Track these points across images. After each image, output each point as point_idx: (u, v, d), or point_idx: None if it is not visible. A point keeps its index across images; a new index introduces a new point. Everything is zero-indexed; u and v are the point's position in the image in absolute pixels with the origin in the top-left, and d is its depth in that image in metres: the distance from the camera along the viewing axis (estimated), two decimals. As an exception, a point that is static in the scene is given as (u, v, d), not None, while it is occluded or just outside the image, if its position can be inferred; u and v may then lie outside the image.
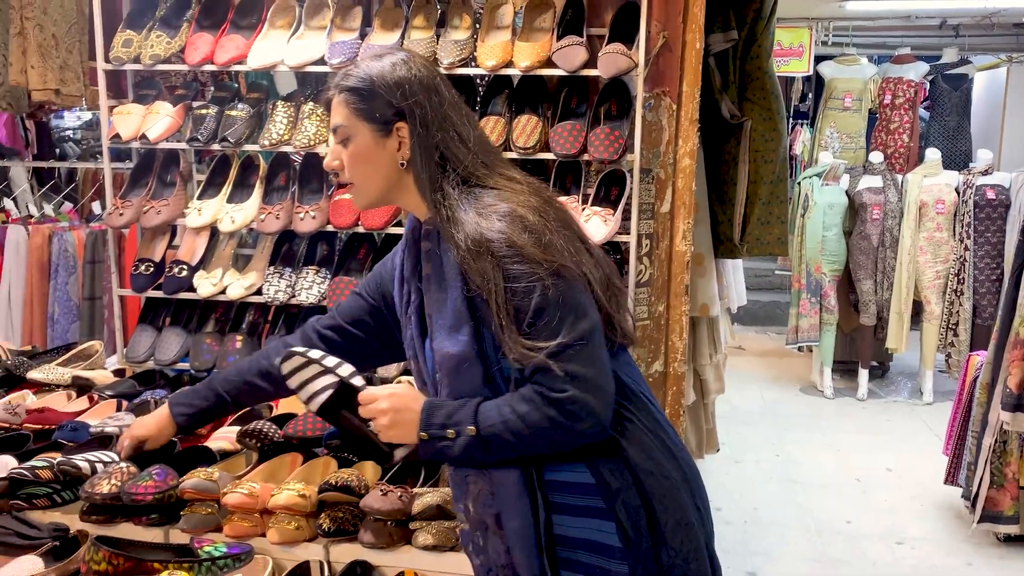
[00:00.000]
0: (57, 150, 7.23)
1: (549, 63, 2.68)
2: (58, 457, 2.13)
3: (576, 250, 1.46)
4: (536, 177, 1.58)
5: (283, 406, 2.61)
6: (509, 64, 2.69)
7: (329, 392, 1.56)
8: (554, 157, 2.70)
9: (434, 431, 1.46)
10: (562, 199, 2.72)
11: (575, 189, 2.82)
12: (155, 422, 2.02)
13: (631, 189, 2.72)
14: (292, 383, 1.61)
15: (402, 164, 1.51)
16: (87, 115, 8.39)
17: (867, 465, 4.84)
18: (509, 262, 1.39)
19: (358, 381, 1.58)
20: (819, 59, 7.07)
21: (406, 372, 2.78)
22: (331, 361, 1.59)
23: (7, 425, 2.39)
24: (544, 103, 2.83)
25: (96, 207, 4.72)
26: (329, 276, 2.94)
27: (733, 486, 4.48)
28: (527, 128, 2.71)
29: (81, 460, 2.09)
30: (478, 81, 3.02)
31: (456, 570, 1.90)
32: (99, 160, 5.80)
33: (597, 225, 2.65)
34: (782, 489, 4.51)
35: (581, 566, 1.46)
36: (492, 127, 2.72)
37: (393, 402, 1.49)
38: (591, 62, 2.65)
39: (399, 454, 1.54)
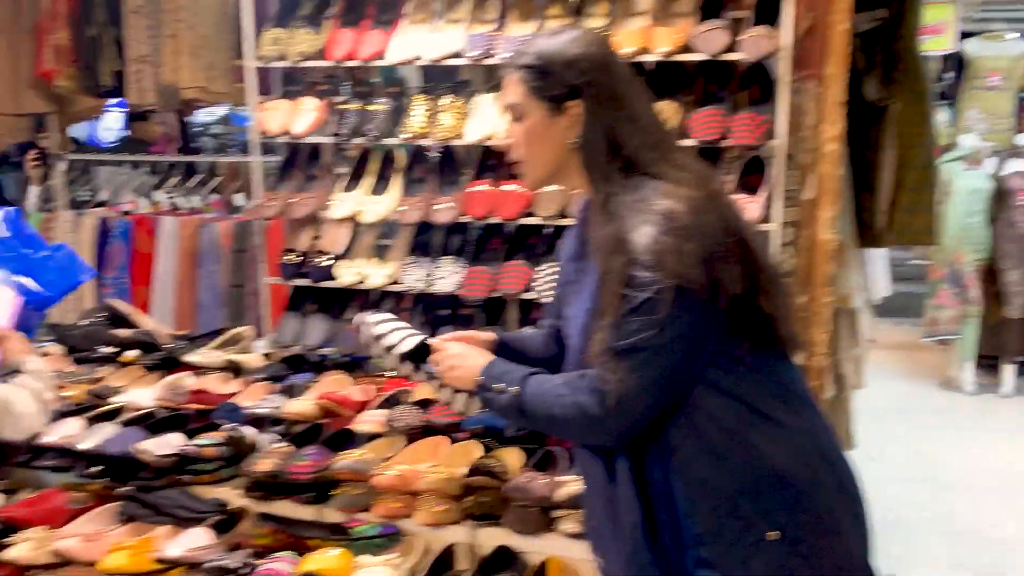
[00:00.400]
0: (192, 145, 7.59)
1: (687, 48, 2.63)
2: (220, 436, 2.26)
3: (724, 255, 1.39)
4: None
5: (424, 391, 2.69)
6: (646, 50, 2.66)
7: (415, 342, 1.73)
8: (693, 144, 2.65)
9: (486, 380, 1.55)
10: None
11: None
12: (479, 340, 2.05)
13: (774, 176, 2.64)
14: (380, 328, 1.78)
15: (572, 143, 1.50)
16: (221, 111, 8.81)
17: (1012, 466, 4.56)
18: (638, 267, 1.37)
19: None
20: (962, 36, 6.67)
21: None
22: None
23: (170, 404, 2.55)
24: (682, 90, 2.79)
25: (238, 199, 4.96)
26: (465, 265, 2.99)
27: (869, 484, 4.29)
28: (666, 114, 2.67)
29: (248, 430, 2.23)
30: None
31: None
32: (230, 153, 6.10)
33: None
34: (921, 489, 4.30)
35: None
36: (629, 115, 2.70)
37: (459, 353, 1.63)
38: (733, 46, 2.58)
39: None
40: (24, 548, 1.92)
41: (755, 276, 1.44)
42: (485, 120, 2.83)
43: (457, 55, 2.83)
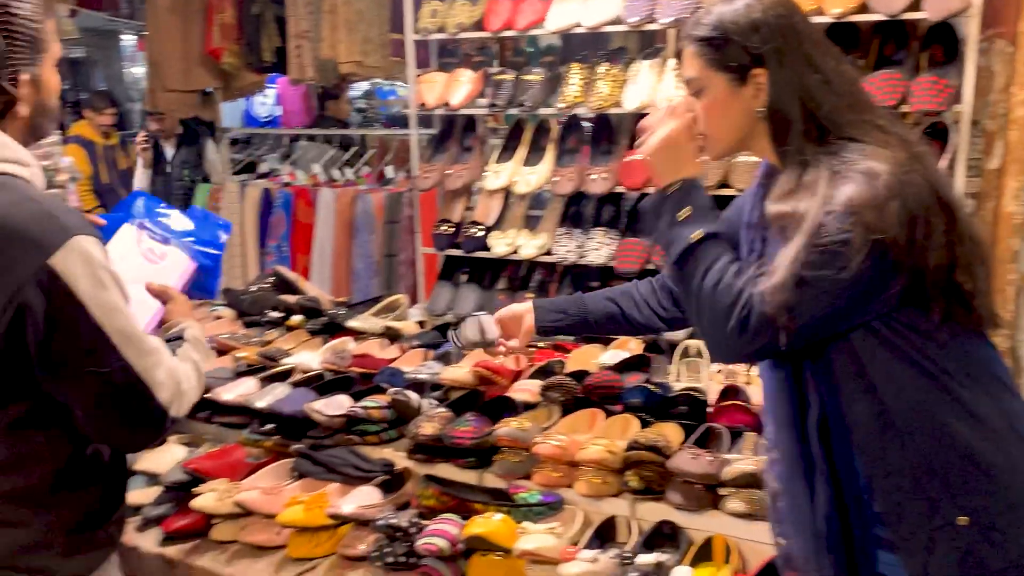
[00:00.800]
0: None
1: (864, 8, 2.48)
2: (385, 399, 2.34)
3: (927, 219, 1.31)
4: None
5: (577, 362, 2.68)
6: (819, 12, 2.52)
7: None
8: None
9: (682, 197, 1.43)
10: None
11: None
12: (515, 312, 2.05)
13: (956, 143, 2.46)
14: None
15: (759, 113, 1.42)
16: (365, 85, 9.07)
17: None
18: (833, 218, 1.28)
19: None
20: None
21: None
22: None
23: (334, 368, 2.65)
24: (855, 52, 2.63)
25: (389, 171, 5.10)
26: (618, 237, 2.96)
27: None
28: (837, 80, 2.53)
29: (411, 394, 2.30)
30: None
31: (769, 539, 1.85)
32: (375, 128, 6.27)
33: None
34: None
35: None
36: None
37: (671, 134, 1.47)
38: (914, 5, 2.41)
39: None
40: (210, 498, 2.05)
41: (957, 247, 1.34)
42: (643, 88, 2.77)
43: (616, 21, 2.78)
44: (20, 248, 1.29)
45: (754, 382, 2.59)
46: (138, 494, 2.18)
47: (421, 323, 3.28)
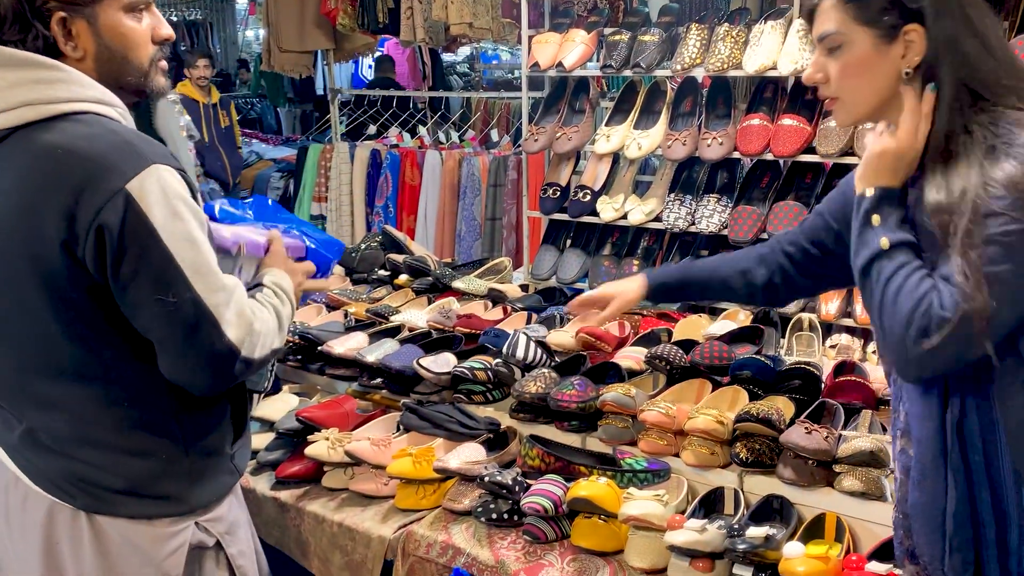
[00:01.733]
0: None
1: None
2: (490, 361, 2.35)
3: None
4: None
5: (683, 332, 2.64)
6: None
7: None
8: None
9: (874, 205, 1.34)
10: None
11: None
12: (623, 283, 1.98)
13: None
14: None
15: (906, 74, 1.33)
16: (466, 49, 9.08)
17: None
18: (998, 203, 1.19)
19: None
20: None
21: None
22: None
23: (440, 327, 2.69)
24: (1001, 10, 2.46)
25: (494, 135, 5.11)
26: (730, 205, 2.88)
27: None
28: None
29: (515, 365, 2.30)
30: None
31: (882, 520, 1.79)
32: (480, 91, 6.27)
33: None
34: None
35: None
36: (933, 43, 2.43)
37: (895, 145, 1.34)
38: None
39: None
40: (322, 446, 2.12)
41: None
42: (765, 49, 2.67)
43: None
44: (100, 174, 1.32)
45: (870, 359, 2.50)
46: (253, 439, 2.27)
47: (524, 287, 3.29)
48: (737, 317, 2.78)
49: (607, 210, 3.03)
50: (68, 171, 1.33)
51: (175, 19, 10.28)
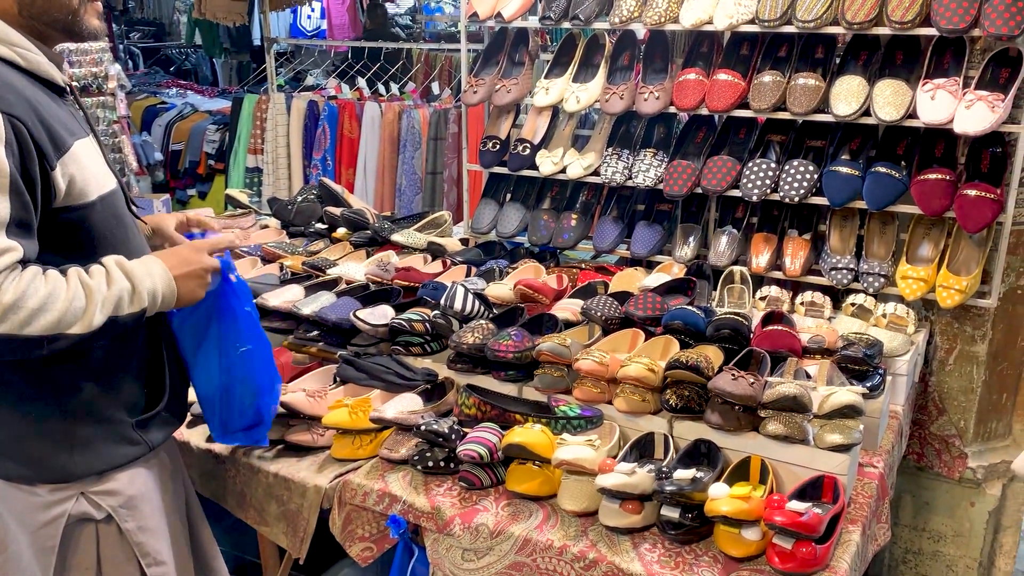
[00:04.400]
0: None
1: (940, -77, 2.35)
2: (428, 313, 2.36)
3: None
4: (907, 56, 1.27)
5: (619, 284, 2.68)
6: (892, -74, 2.39)
7: None
8: (936, 33, 2.40)
9: None
10: (938, 81, 2.44)
11: (953, 71, 2.50)
12: None
13: (1028, 71, 2.36)
14: None
15: None
16: (409, 0, 8.91)
17: None
18: None
19: None
20: None
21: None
22: None
23: (378, 280, 2.68)
24: (927, -29, 2.51)
25: (434, 87, 5.05)
26: (666, 159, 2.91)
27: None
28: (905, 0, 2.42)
29: (453, 316, 2.32)
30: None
31: (805, 463, 1.87)
32: (422, 44, 6.18)
33: (981, 112, 2.34)
34: None
35: None
36: None
37: None
38: (995, -80, 2.28)
39: None
40: (257, 398, 2.12)
41: None
42: (701, 3, 2.68)
43: (676, -67, 2.67)
44: None
45: (797, 310, 2.58)
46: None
47: (464, 240, 3.29)
48: (671, 270, 2.83)
49: (546, 164, 3.03)
50: None
51: (103, -37, 9.83)
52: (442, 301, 2.38)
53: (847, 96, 2.54)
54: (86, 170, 1.48)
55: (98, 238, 1.51)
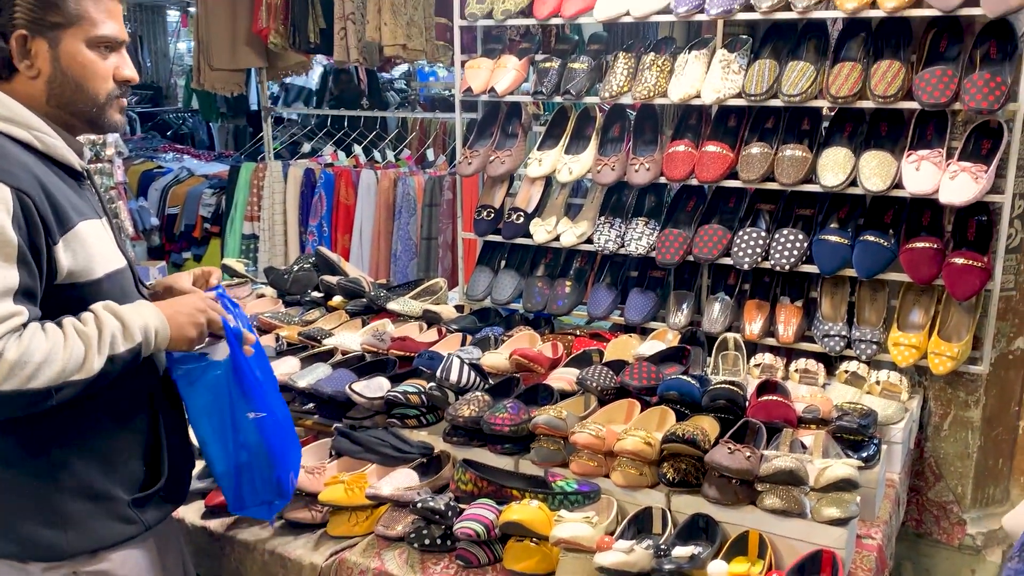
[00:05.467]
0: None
1: (919, 3, 2.44)
2: (424, 384, 2.37)
3: None
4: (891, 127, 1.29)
5: (614, 352, 2.70)
6: (873, 5, 2.48)
7: None
8: (917, 107, 2.47)
9: None
10: (922, 152, 2.50)
11: (936, 142, 2.56)
12: None
13: (1009, 143, 2.42)
14: None
15: None
16: (404, 67, 9.08)
17: None
18: None
19: None
20: None
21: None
22: None
23: (374, 349, 2.69)
24: (907, 47, 2.59)
25: (429, 154, 5.12)
26: (658, 228, 2.95)
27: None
28: (888, 74, 2.49)
29: (449, 388, 2.33)
30: (830, 24, 2.82)
31: (803, 537, 1.86)
32: (417, 109, 6.28)
33: (965, 183, 2.39)
34: None
35: None
36: (847, 74, 2.54)
37: None
38: (970, 0, 2.37)
39: None
40: (253, 474, 2.11)
41: None
42: (689, 78, 2.75)
43: (665, 11, 2.75)
44: None
45: (792, 378, 2.59)
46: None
47: (459, 307, 3.31)
48: (665, 337, 2.85)
49: (540, 232, 3.08)
50: None
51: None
52: (438, 373, 2.39)
53: (834, 167, 2.60)
54: (91, 248, 1.52)
55: None
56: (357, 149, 4.91)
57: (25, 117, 1.48)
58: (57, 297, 1.48)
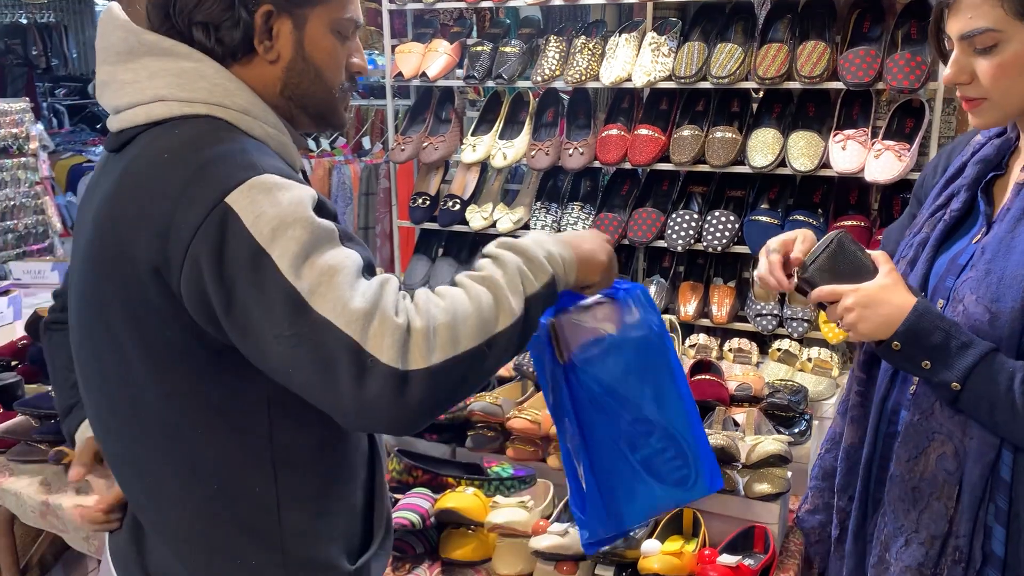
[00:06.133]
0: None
1: (841, -16, 2.47)
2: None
3: None
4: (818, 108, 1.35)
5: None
6: (796, -13, 2.51)
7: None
8: (842, 87, 2.51)
9: (910, 351, 1.25)
10: (848, 132, 2.55)
11: (862, 121, 2.61)
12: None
13: (930, 121, 2.47)
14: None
15: None
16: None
17: None
18: None
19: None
20: None
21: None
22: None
23: (309, 341, 2.64)
24: (831, 28, 2.63)
25: (366, 142, 5.05)
26: (593, 212, 2.96)
27: None
28: (813, 55, 2.53)
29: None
30: (757, 5, 2.85)
31: (736, 514, 1.88)
32: (355, 97, 6.19)
33: (890, 161, 2.44)
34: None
35: None
36: (774, 55, 2.57)
37: (859, 299, 1.26)
38: (892, -19, 2.41)
39: None
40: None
41: None
42: (620, 62, 2.75)
43: (596, -6, 2.75)
44: (200, 183, 1.03)
45: (726, 357, 2.62)
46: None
47: (398, 296, 3.27)
48: (603, 321, 2.86)
49: (476, 219, 3.06)
50: (166, 178, 1.04)
51: (25, 21, 9.68)
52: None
53: (763, 148, 2.63)
54: None
55: None
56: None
57: (262, 109, 1.19)
58: None
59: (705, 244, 2.71)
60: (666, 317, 2.75)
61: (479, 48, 2.97)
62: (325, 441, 1.18)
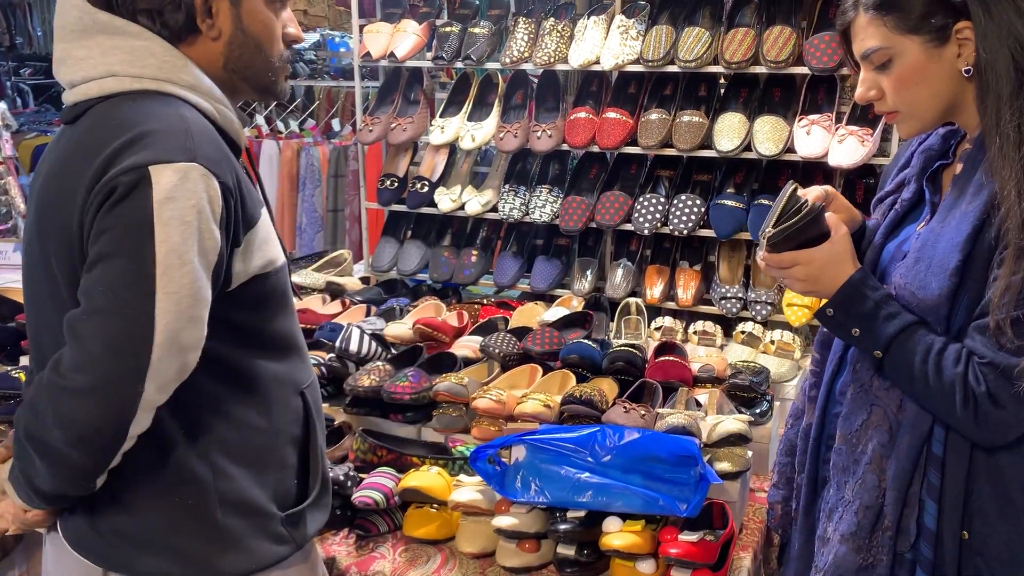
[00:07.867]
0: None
1: (807, -30, 2.49)
2: (323, 356, 2.33)
3: None
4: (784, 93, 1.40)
5: (520, 319, 2.70)
6: (763, -28, 2.52)
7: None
8: (808, 72, 2.53)
9: (841, 318, 1.33)
10: (813, 117, 2.57)
11: (827, 107, 2.63)
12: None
13: (893, 107, 2.50)
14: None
15: (966, 72, 1.25)
16: (315, 36, 8.87)
17: None
18: None
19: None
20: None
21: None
22: None
23: (275, 323, 2.62)
24: (798, 13, 2.65)
25: (335, 124, 5.01)
26: (561, 195, 2.96)
27: None
28: (779, 40, 2.54)
29: (349, 359, 2.29)
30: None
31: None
32: (326, 79, 6.14)
33: (853, 146, 2.47)
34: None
35: None
36: (740, 40, 2.58)
37: (810, 269, 1.35)
38: (856, -33, 2.43)
39: None
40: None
41: None
42: (589, 44, 2.75)
43: (564, -26, 2.74)
44: (134, 145, 1.13)
45: (691, 339, 2.65)
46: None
47: (365, 279, 3.26)
48: (570, 304, 2.87)
49: (445, 201, 3.05)
50: (110, 138, 1.14)
51: (-13, -3, 9.45)
52: (338, 344, 2.35)
53: (729, 132, 2.65)
54: (272, 239, 1.32)
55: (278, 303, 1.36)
56: (259, 119, 4.78)
57: (207, 85, 1.26)
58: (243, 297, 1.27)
59: (671, 228, 2.73)
60: (632, 300, 2.78)
61: (448, 29, 2.96)
62: (240, 394, 1.31)
